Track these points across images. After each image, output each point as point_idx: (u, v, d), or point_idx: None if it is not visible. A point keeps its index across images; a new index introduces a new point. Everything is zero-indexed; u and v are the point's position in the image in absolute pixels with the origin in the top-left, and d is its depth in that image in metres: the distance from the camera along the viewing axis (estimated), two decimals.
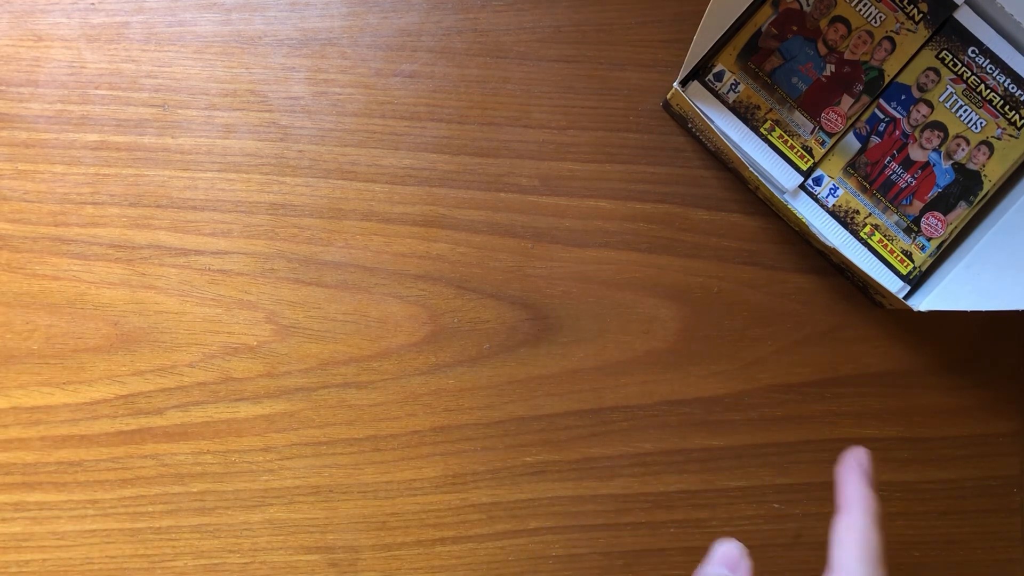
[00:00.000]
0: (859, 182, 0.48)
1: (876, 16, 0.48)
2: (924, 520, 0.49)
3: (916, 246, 0.48)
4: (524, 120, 0.49)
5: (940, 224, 0.48)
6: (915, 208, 0.48)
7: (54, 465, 0.47)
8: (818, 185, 0.49)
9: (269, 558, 0.47)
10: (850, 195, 0.48)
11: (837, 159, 0.48)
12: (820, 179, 0.49)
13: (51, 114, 0.48)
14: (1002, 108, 0.48)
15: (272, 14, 0.49)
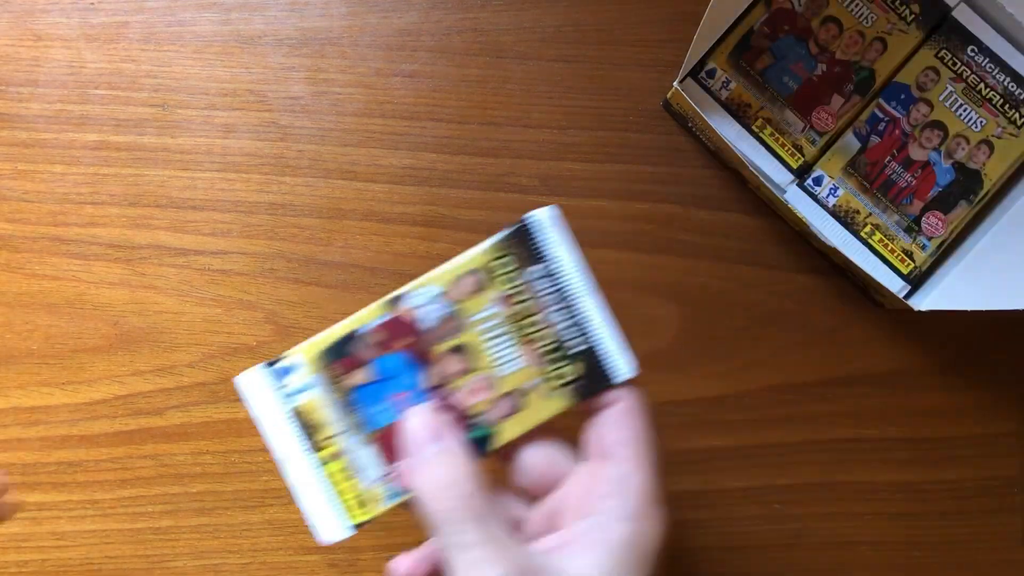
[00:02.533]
0: (859, 182, 0.48)
1: (868, 17, 0.48)
2: (925, 520, 0.49)
3: (917, 246, 0.48)
4: (524, 120, 0.49)
5: (941, 223, 0.48)
6: (915, 208, 0.48)
7: (53, 465, 0.47)
8: (818, 185, 0.49)
9: (269, 558, 0.47)
10: (850, 195, 0.48)
11: (837, 159, 0.48)
12: (820, 179, 0.49)
13: (50, 114, 0.48)
14: (1002, 107, 0.48)
15: (272, 14, 0.49)
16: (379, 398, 0.31)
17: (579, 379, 0.31)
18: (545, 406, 0.31)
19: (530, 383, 0.31)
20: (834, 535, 0.49)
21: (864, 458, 0.49)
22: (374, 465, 0.31)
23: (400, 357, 0.31)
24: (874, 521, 0.49)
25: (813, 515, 0.49)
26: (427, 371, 0.31)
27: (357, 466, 0.31)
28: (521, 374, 0.31)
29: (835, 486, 0.49)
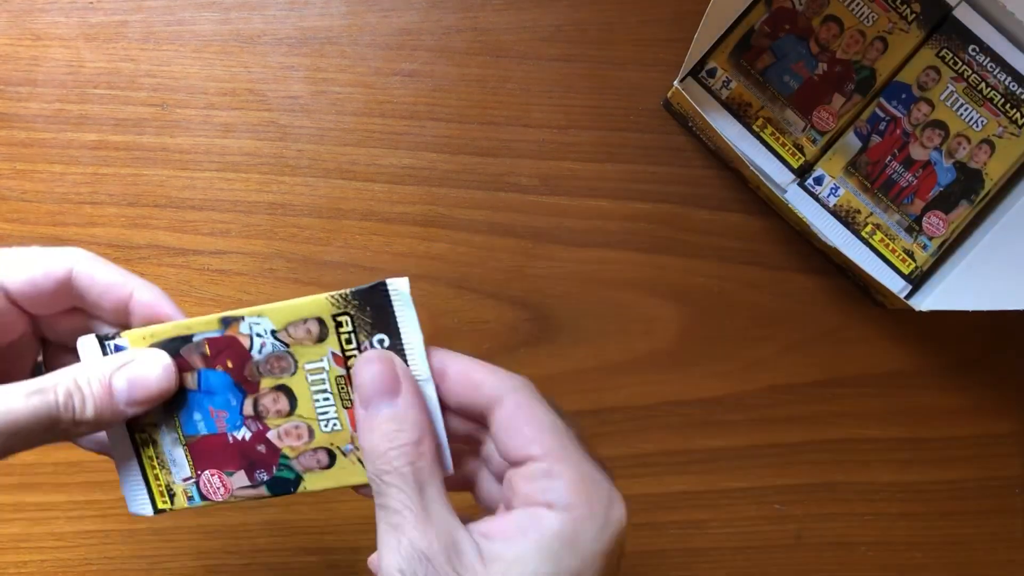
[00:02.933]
0: (860, 181, 0.48)
1: (869, 16, 0.48)
2: (925, 521, 0.49)
3: (918, 245, 0.48)
4: (524, 119, 0.49)
5: (942, 223, 0.48)
6: (916, 207, 0.48)
7: (53, 466, 0.47)
8: (819, 184, 0.48)
9: (268, 559, 0.47)
10: (851, 194, 0.48)
11: (838, 158, 0.48)
12: (821, 179, 0.48)
13: (49, 113, 0.47)
14: (1003, 106, 0.48)
15: (271, 13, 0.48)
16: (199, 407, 0.30)
17: None
18: (356, 472, 0.31)
19: (346, 447, 0.30)
20: (834, 535, 0.49)
21: (864, 458, 0.49)
22: (183, 467, 0.31)
23: (225, 376, 0.30)
24: (874, 521, 0.49)
25: (813, 515, 0.49)
26: (249, 399, 0.30)
27: (169, 460, 0.31)
28: (339, 436, 0.30)
29: (835, 486, 0.49)
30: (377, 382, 0.28)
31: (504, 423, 0.27)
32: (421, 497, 0.27)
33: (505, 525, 0.26)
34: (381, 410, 0.27)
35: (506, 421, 0.27)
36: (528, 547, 0.25)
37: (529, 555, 0.25)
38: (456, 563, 0.25)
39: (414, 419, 0.27)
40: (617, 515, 0.26)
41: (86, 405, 0.28)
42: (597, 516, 0.26)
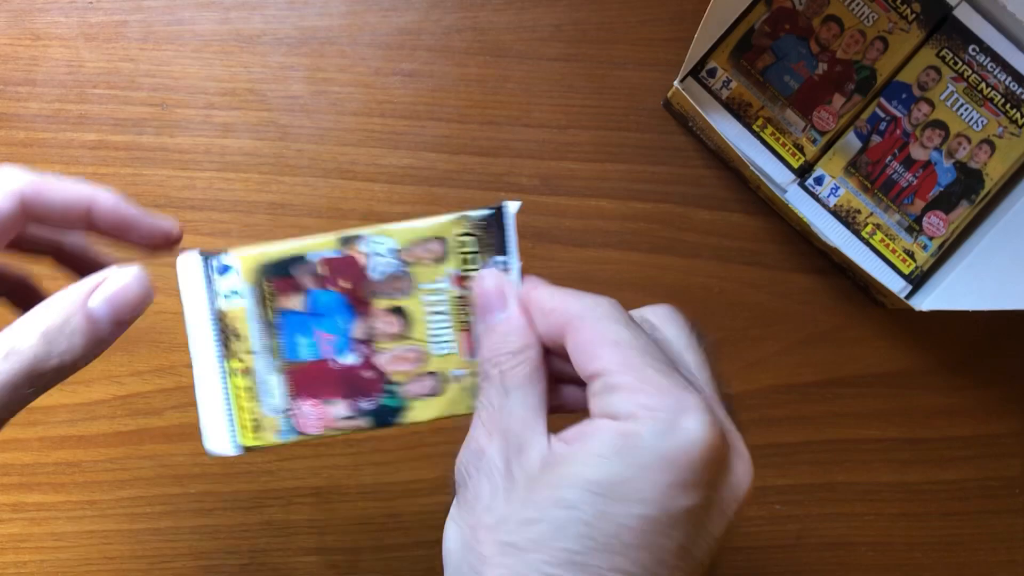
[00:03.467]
0: (860, 181, 0.48)
1: (869, 16, 0.48)
2: (926, 521, 0.49)
3: (918, 245, 0.48)
4: (524, 119, 0.49)
5: (942, 223, 0.48)
6: (917, 207, 0.48)
7: (52, 466, 0.46)
8: (819, 184, 0.48)
9: (268, 559, 0.47)
10: (851, 194, 0.48)
11: (838, 158, 0.48)
12: (821, 178, 0.48)
13: (49, 113, 0.47)
14: (1003, 106, 0.48)
15: (271, 12, 0.48)
16: (305, 331, 0.29)
17: None
18: (464, 400, 0.30)
19: (458, 372, 0.30)
20: (834, 535, 0.49)
21: (865, 458, 0.49)
22: (279, 396, 0.29)
23: (338, 297, 0.29)
24: (875, 522, 0.49)
25: (813, 515, 0.49)
26: (360, 321, 0.29)
27: (262, 390, 0.29)
28: (451, 360, 0.30)
29: (835, 486, 0.49)
30: (494, 294, 0.28)
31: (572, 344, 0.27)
32: (505, 400, 0.27)
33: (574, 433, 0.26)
34: (493, 319, 0.28)
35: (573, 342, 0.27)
36: (579, 452, 0.24)
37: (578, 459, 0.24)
38: (512, 461, 0.25)
39: (518, 329, 0.28)
40: (692, 424, 0.24)
41: (72, 344, 0.26)
42: (659, 423, 0.24)
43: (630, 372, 0.25)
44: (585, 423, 0.25)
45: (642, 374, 0.25)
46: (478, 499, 0.25)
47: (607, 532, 0.23)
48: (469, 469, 0.26)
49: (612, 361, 0.25)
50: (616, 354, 0.26)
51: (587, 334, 0.26)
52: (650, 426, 0.24)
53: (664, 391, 0.24)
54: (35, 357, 0.25)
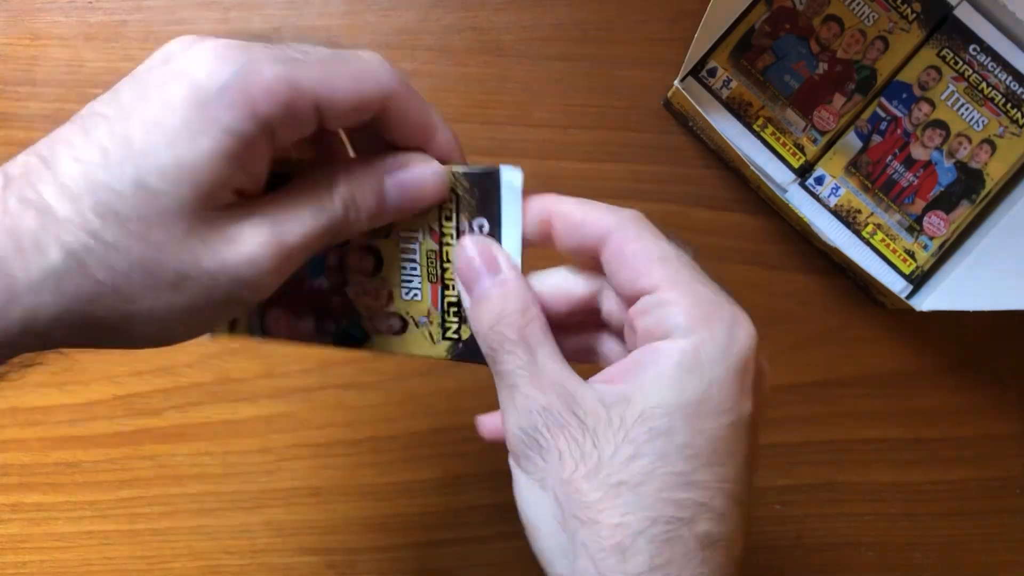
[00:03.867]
0: (861, 181, 0.48)
1: (869, 15, 0.48)
2: (926, 521, 0.49)
3: (918, 245, 0.48)
4: (524, 119, 0.49)
5: (942, 223, 0.48)
6: (917, 207, 0.48)
7: (52, 466, 0.46)
8: (820, 184, 0.48)
9: (267, 560, 0.47)
10: (852, 194, 0.48)
11: (839, 158, 0.48)
12: (822, 178, 0.48)
13: (49, 113, 0.47)
14: (1004, 106, 0.48)
15: (270, 12, 0.48)
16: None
17: (461, 342, 0.31)
18: (424, 345, 0.31)
19: (422, 318, 0.31)
20: (834, 536, 0.49)
21: (865, 459, 0.49)
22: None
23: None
24: (875, 522, 0.49)
25: (813, 515, 0.49)
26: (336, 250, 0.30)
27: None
28: (416, 306, 0.31)
29: (836, 486, 0.49)
30: (479, 260, 0.28)
31: (613, 260, 0.27)
32: (533, 358, 0.26)
33: (625, 366, 0.26)
34: (485, 284, 0.28)
35: (615, 258, 0.27)
36: (648, 380, 0.24)
37: (650, 387, 0.24)
38: (576, 409, 0.25)
39: (516, 290, 0.27)
40: (743, 333, 0.25)
41: (360, 216, 0.26)
42: (719, 335, 0.25)
43: (680, 287, 0.26)
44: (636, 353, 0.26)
45: (692, 289, 0.26)
46: (562, 454, 0.25)
47: (706, 447, 0.24)
48: (540, 428, 0.25)
49: (661, 277, 0.26)
50: (664, 270, 0.26)
51: (630, 249, 0.26)
52: (714, 340, 0.25)
53: (716, 305, 0.25)
54: (335, 219, 0.26)
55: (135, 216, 0.22)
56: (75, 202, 0.22)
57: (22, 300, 0.22)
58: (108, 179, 0.22)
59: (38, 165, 0.22)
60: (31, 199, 0.22)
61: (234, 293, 0.24)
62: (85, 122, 0.23)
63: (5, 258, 0.21)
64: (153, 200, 0.22)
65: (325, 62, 0.24)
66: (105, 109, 0.23)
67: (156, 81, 0.23)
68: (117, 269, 0.22)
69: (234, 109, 0.22)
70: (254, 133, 0.23)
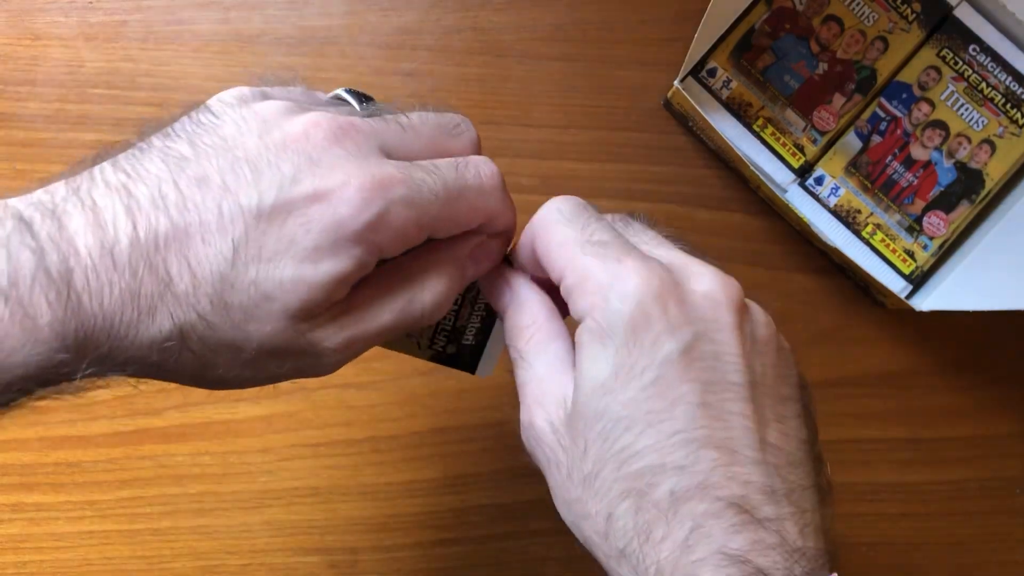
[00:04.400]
0: (861, 181, 0.48)
1: (869, 15, 0.48)
2: (926, 521, 0.49)
3: (918, 245, 0.48)
4: (524, 119, 0.49)
5: (942, 223, 0.48)
6: (917, 207, 0.48)
7: (52, 466, 0.46)
8: (819, 184, 0.48)
9: (268, 560, 0.47)
10: (852, 194, 0.48)
11: (838, 158, 0.48)
12: (822, 178, 0.48)
13: (49, 113, 0.47)
14: (1004, 106, 0.48)
15: (271, 12, 0.48)
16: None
17: (445, 355, 0.34)
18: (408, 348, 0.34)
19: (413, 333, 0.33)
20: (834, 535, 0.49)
21: (865, 459, 0.49)
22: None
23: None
24: (875, 522, 0.49)
25: None
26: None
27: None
28: None
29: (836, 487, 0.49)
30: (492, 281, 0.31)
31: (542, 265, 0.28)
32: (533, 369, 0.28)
33: None
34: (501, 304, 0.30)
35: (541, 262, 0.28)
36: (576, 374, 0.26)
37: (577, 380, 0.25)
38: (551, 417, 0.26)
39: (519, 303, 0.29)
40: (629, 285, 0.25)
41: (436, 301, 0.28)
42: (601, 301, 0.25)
43: (573, 268, 0.26)
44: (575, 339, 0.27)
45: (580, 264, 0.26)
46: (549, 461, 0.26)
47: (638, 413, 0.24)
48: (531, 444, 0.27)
49: (560, 264, 0.27)
50: (561, 256, 0.27)
51: (540, 247, 0.28)
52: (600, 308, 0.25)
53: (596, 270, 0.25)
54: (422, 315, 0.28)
55: (240, 308, 0.24)
56: (195, 285, 0.24)
57: (127, 352, 0.23)
58: (230, 274, 0.24)
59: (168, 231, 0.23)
60: (157, 268, 0.23)
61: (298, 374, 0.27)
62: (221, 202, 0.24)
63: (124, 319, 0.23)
64: (263, 302, 0.24)
65: (450, 201, 0.27)
66: (243, 196, 0.24)
67: (300, 194, 0.24)
68: (208, 344, 0.24)
69: (363, 246, 0.25)
70: (372, 262, 0.26)
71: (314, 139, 0.25)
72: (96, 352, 0.23)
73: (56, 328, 0.22)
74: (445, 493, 0.47)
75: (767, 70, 0.48)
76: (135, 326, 0.23)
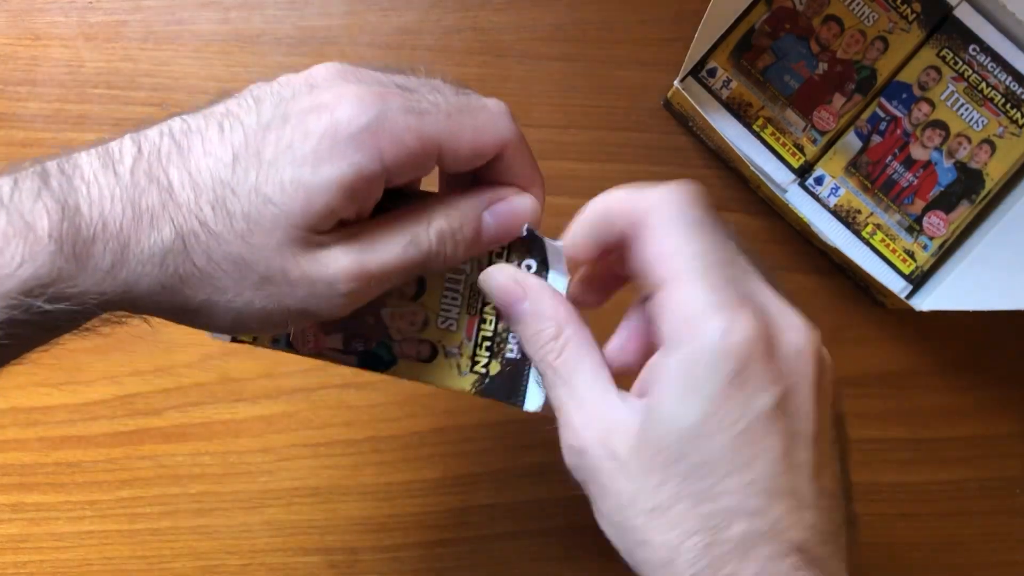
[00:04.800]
0: (861, 181, 0.48)
1: (869, 16, 0.48)
2: (926, 521, 0.49)
3: (918, 245, 0.48)
4: (524, 119, 0.49)
5: (942, 223, 0.48)
6: (917, 207, 0.48)
7: (52, 466, 0.46)
8: (819, 184, 0.48)
9: (268, 559, 0.47)
10: (852, 194, 0.48)
11: (838, 158, 0.48)
12: (822, 178, 0.48)
13: (49, 113, 0.47)
14: (1004, 106, 0.48)
15: (271, 12, 0.48)
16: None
17: (488, 377, 0.31)
18: (450, 376, 0.31)
19: (452, 348, 0.31)
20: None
21: (865, 459, 0.49)
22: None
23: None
24: (875, 522, 0.49)
25: None
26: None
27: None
28: (450, 336, 0.31)
29: None
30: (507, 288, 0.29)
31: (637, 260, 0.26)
32: (572, 389, 0.27)
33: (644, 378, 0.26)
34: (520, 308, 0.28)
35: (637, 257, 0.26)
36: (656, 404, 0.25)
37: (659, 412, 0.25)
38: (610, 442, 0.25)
39: (547, 311, 0.28)
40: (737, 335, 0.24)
41: (457, 250, 0.28)
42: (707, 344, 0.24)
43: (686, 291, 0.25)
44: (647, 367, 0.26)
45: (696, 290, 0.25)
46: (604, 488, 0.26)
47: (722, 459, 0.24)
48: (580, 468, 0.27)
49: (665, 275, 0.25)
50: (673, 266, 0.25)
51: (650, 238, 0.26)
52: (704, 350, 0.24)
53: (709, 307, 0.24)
54: (428, 252, 0.27)
55: (243, 216, 0.24)
56: (196, 191, 0.24)
57: (129, 266, 0.24)
58: (231, 180, 0.24)
59: (171, 149, 0.25)
60: (158, 178, 0.24)
61: (308, 306, 0.26)
62: (223, 122, 0.25)
63: (124, 226, 0.23)
64: (264, 207, 0.24)
65: (452, 115, 0.26)
66: (245, 116, 0.25)
67: (297, 108, 0.25)
68: (213, 258, 0.24)
69: (363, 150, 0.24)
70: (375, 173, 0.25)
71: (319, 74, 0.26)
72: (98, 266, 0.23)
73: (55, 236, 0.22)
74: (445, 493, 0.47)
75: (767, 70, 0.48)
76: (136, 235, 0.24)
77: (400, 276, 0.27)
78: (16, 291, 0.22)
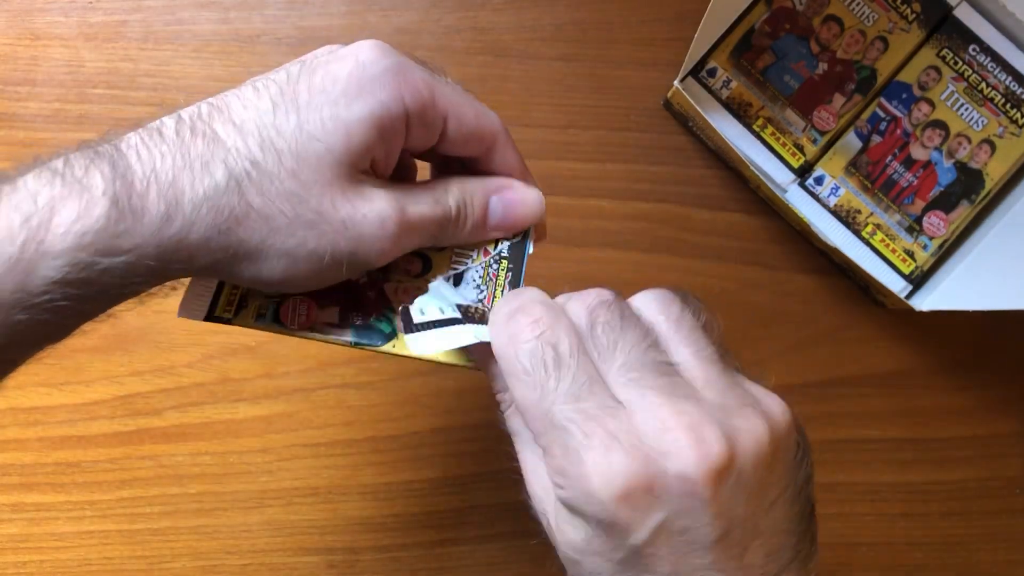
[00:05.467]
0: (861, 181, 0.48)
1: (869, 16, 0.48)
2: (927, 521, 0.49)
3: (918, 245, 0.48)
4: (524, 119, 0.49)
5: (942, 223, 0.48)
6: (917, 207, 0.48)
7: (52, 466, 0.46)
8: (819, 184, 0.48)
9: (268, 559, 0.47)
10: (852, 194, 0.48)
11: (838, 158, 0.48)
12: (821, 178, 0.48)
13: (49, 113, 0.47)
14: (1003, 106, 0.48)
15: (271, 12, 0.48)
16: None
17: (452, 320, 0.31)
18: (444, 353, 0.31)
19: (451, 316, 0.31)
20: (835, 536, 0.49)
21: (865, 458, 0.49)
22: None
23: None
24: (875, 522, 0.49)
25: None
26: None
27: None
28: None
29: (836, 486, 0.49)
30: None
31: None
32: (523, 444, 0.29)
33: None
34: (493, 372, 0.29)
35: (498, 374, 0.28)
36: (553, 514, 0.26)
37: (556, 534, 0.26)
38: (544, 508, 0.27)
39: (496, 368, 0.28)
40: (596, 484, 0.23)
41: (466, 222, 0.30)
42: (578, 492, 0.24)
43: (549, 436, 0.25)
44: None
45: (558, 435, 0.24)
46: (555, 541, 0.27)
47: None
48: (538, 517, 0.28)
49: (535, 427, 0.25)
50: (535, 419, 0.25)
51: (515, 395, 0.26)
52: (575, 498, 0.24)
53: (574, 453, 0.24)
54: (447, 215, 0.29)
55: (291, 153, 0.26)
56: (242, 135, 0.26)
57: (184, 211, 0.25)
58: (274, 122, 0.26)
59: (209, 110, 0.26)
60: (203, 131, 0.25)
61: (356, 248, 0.27)
62: (255, 83, 0.27)
63: (176, 175, 0.25)
64: (309, 144, 0.26)
65: (457, 90, 0.29)
66: (275, 76, 0.27)
67: (323, 61, 0.27)
68: (267, 196, 0.25)
69: (387, 89, 0.26)
70: (399, 113, 0.27)
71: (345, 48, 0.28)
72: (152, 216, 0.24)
73: (108, 193, 0.24)
74: (445, 493, 0.47)
75: (767, 70, 0.48)
76: (190, 181, 0.25)
77: (427, 234, 0.29)
78: (73, 247, 0.23)
